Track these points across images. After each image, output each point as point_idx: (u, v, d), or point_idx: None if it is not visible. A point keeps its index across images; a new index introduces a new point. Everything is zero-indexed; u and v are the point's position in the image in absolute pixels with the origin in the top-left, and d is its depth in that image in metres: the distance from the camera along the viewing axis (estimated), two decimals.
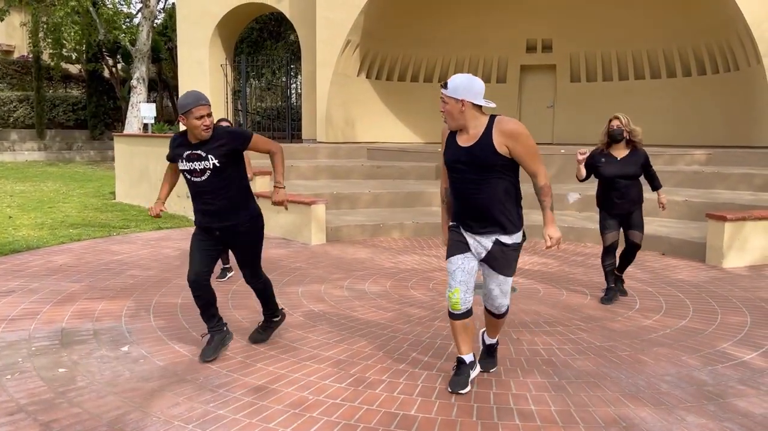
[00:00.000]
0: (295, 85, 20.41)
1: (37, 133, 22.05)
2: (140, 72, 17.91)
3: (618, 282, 5.51)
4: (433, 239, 8.06)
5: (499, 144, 3.13)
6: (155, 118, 13.03)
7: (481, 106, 3.20)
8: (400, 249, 7.42)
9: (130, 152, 11.32)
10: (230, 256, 6.11)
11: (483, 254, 3.32)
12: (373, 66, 14.74)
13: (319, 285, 5.72)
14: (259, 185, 8.39)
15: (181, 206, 9.62)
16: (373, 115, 14.95)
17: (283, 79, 19.57)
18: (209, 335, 3.96)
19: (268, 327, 4.22)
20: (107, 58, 22.98)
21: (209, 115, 3.63)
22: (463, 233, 3.35)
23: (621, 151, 5.19)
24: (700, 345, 4.21)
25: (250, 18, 17.30)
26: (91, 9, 17.87)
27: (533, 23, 14.85)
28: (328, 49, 13.43)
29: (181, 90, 16.18)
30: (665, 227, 7.86)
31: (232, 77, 16.60)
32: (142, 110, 12.63)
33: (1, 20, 19.18)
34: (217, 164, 3.67)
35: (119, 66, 23.83)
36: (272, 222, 8.24)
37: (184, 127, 3.72)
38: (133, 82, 17.96)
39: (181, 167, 3.76)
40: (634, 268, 6.47)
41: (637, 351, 4.10)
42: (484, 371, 3.71)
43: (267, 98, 22.37)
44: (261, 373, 3.66)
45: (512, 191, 3.26)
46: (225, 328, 4.01)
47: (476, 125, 3.20)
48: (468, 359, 3.48)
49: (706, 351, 4.10)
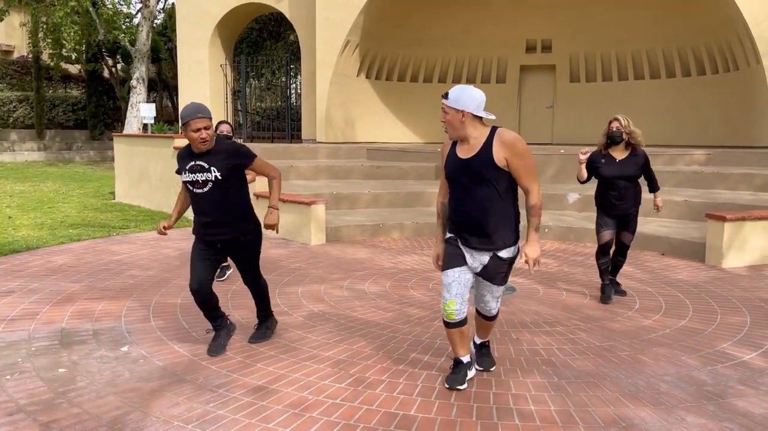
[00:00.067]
0: (294, 85, 20.41)
1: (37, 133, 22.05)
2: (140, 72, 17.91)
3: (614, 285, 5.52)
4: (433, 240, 8.06)
5: (499, 157, 3.14)
6: (155, 118, 13.03)
7: (482, 118, 3.21)
8: (400, 249, 7.42)
9: (129, 152, 11.32)
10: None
11: (479, 268, 3.34)
12: (373, 66, 14.74)
13: (318, 285, 5.73)
14: (260, 186, 8.38)
15: None
16: (373, 115, 14.95)
17: (283, 79, 19.58)
18: (214, 331, 4.06)
19: (266, 327, 4.28)
20: (107, 58, 22.98)
21: (206, 128, 3.63)
22: (461, 246, 3.36)
23: (620, 152, 5.20)
24: (699, 345, 4.22)
25: (250, 18, 17.30)
26: (91, 9, 17.87)
27: (533, 23, 14.85)
28: (327, 50, 13.43)
29: (181, 90, 16.19)
30: (665, 227, 7.87)
31: (232, 77, 16.60)
32: (141, 110, 12.63)
33: (1, 20, 19.18)
34: (220, 176, 3.71)
35: (119, 66, 23.84)
36: None
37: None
38: (133, 82, 17.97)
39: (184, 179, 3.78)
40: (633, 268, 6.48)
41: (636, 351, 4.11)
42: (484, 370, 3.72)
43: (267, 98, 22.37)
44: (261, 373, 3.66)
45: (510, 205, 3.26)
46: (228, 321, 4.13)
47: (477, 136, 3.20)
48: (465, 359, 3.52)
49: (706, 351, 4.10)
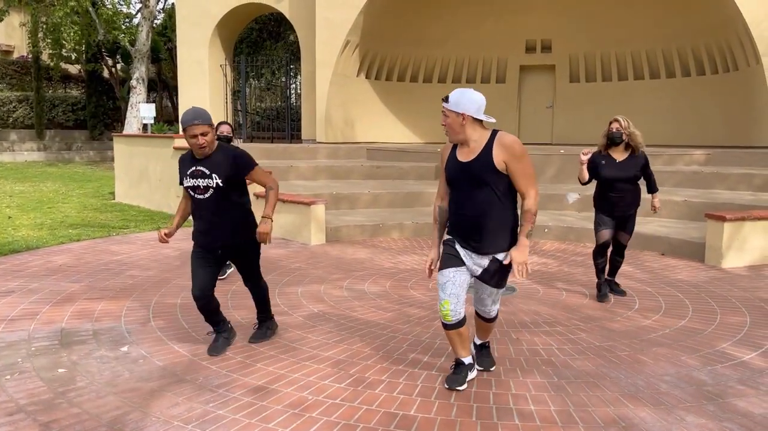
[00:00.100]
0: (294, 85, 20.40)
1: (37, 133, 22.05)
2: (140, 72, 17.91)
3: (613, 286, 5.53)
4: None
5: (498, 160, 3.14)
6: (155, 118, 13.02)
7: (482, 121, 3.21)
8: (400, 249, 7.42)
9: (129, 152, 11.32)
10: None
11: (479, 271, 3.33)
12: (373, 66, 14.74)
13: (318, 285, 5.73)
14: (259, 186, 8.38)
15: None
16: (373, 115, 14.95)
17: (283, 79, 19.58)
18: (215, 334, 4.07)
19: (266, 328, 4.29)
20: (107, 58, 22.98)
21: (204, 134, 3.61)
22: (459, 249, 3.35)
23: (620, 153, 5.20)
24: (699, 345, 4.22)
25: (250, 18, 17.30)
26: (91, 9, 17.87)
27: (532, 23, 14.85)
28: (327, 50, 13.43)
29: (181, 90, 16.18)
30: (665, 227, 7.87)
31: (232, 77, 16.59)
32: (141, 111, 12.62)
33: (1, 20, 19.18)
34: (221, 183, 3.71)
35: (119, 66, 23.83)
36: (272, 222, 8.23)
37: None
38: (133, 82, 17.96)
39: (185, 184, 3.78)
40: (633, 268, 6.48)
41: (636, 351, 4.11)
42: (485, 370, 3.72)
43: (266, 98, 22.35)
44: (260, 373, 3.66)
45: (510, 208, 3.26)
46: (229, 326, 4.14)
47: (477, 140, 3.20)
48: (466, 360, 3.53)
49: (706, 351, 4.10)
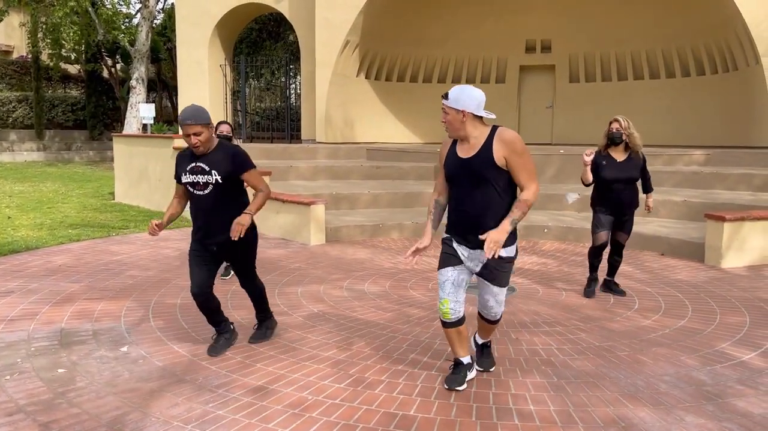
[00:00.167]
0: (294, 85, 20.39)
1: (36, 133, 22.04)
2: (139, 72, 17.90)
3: (613, 286, 5.53)
4: (433, 240, 8.05)
5: (499, 156, 3.13)
6: (154, 118, 13.02)
7: (482, 117, 3.21)
8: (400, 250, 7.42)
9: (129, 152, 11.32)
10: None
11: (478, 267, 3.33)
12: (372, 66, 14.74)
13: (318, 286, 5.73)
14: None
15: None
16: (373, 115, 14.95)
17: (283, 79, 19.55)
18: (216, 335, 4.08)
19: (266, 327, 4.29)
20: (106, 58, 22.96)
21: (197, 134, 3.61)
22: (457, 247, 3.35)
23: (620, 154, 5.21)
24: (699, 345, 4.22)
25: (250, 18, 17.29)
26: (90, 9, 17.86)
27: (532, 23, 14.85)
28: (327, 50, 13.43)
29: (181, 90, 16.18)
30: (664, 227, 7.87)
31: (232, 77, 16.59)
32: (141, 111, 12.62)
33: (0, 20, 19.17)
34: (220, 180, 3.71)
35: (118, 66, 23.82)
36: (271, 222, 8.25)
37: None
38: (132, 82, 17.95)
39: (184, 180, 3.78)
40: (633, 268, 6.48)
41: (636, 351, 4.11)
42: (484, 370, 3.72)
43: (266, 99, 22.33)
44: (260, 373, 3.66)
45: (510, 204, 3.25)
46: (232, 327, 4.15)
47: (477, 136, 3.20)
48: (465, 360, 3.52)
49: (705, 351, 4.10)
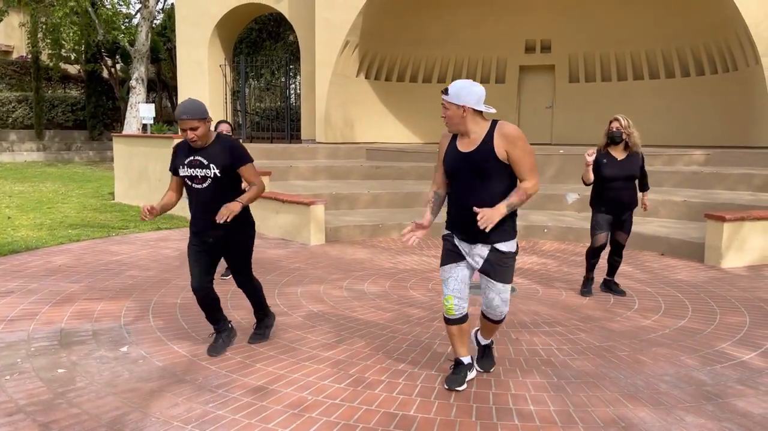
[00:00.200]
0: (294, 85, 20.39)
1: (36, 133, 22.03)
2: (139, 72, 17.89)
3: (612, 286, 5.53)
4: (433, 240, 8.06)
5: (499, 149, 3.13)
6: (154, 118, 13.01)
7: (482, 112, 3.20)
8: (399, 250, 7.42)
9: (129, 152, 11.31)
10: None
11: (480, 263, 3.31)
12: (372, 66, 14.74)
13: (318, 286, 5.72)
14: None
15: (181, 206, 9.62)
16: (372, 115, 14.95)
17: (282, 79, 19.56)
18: (215, 334, 4.06)
19: (265, 326, 4.27)
20: (106, 58, 22.95)
21: (193, 129, 3.59)
22: (458, 243, 3.35)
23: (620, 152, 5.22)
24: (698, 345, 4.22)
25: (249, 18, 17.29)
26: (90, 9, 17.84)
27: (532, 24, 14.85)
28: (327, 50, 13.43)
29: (180, 91, 16.17)
30: (664, 227, 7.87)
31: (231, 78, 16.59)
32: (141, 111, 12.61)
33: (0, 21, 19.16)
34: (218, 173, 3.71)
35: (118, 66, 23.81)
36: (271, 222, 8.24)
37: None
38: (132, 82, 17.94)
39: (182, 173, 3.77)
40: (633, 268, 6.48)
41: (635, 351, 4.11)
42: (485, 371, 3.72)
43: (266, 99, 22.34)
44: (260, 373, 3.66)
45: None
46: (230, 326, 4.13)
47: (477, 131, 3.20)
48: (466, 360, 3.52)
49: (705, 351, 4.10)
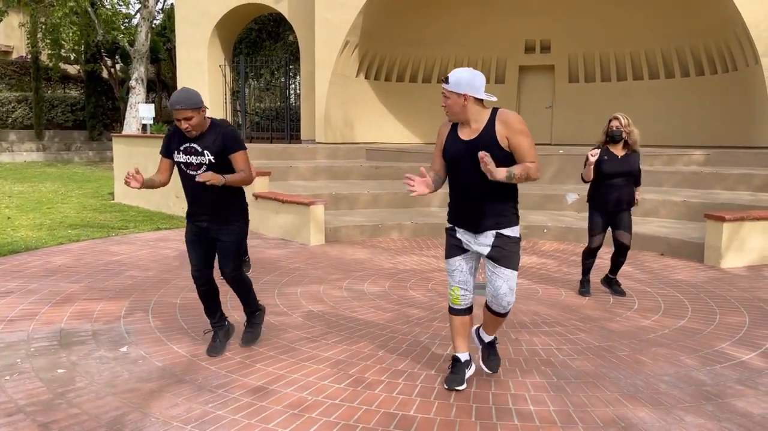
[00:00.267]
0: (293, 85, 20.39)
1: (36, 133, 22.03)
2: (139, 73, 17.89)
3: (613, 285, 5.53)
4: (432, 240, 8.06)
5: (501, 137, 3.12)
6: (154, 118, 13.00)
7: (482, 100, 3.20)
8: (399, 250, 7.42)
9: (128, 152, 11.31)
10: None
11: (486, 250, 3.28)
12: (372, 66, 14.74)
13: (318, 286, 5.72)
14: (259, 186, 8.39)
15: (180, 206, 9.62)
16: (372, 115, 14.95)
17: (282, 79, 19.55)
18: (213, 331, 4.05)
19: (255, 324, 4.19)
20: (106, 58, 22.95)
21: (187, 119, 3.55)
22: (461, 235, 3.35)
23: (620, 150, 5.24)
24: (698, 345, 4.22)
25: (249, 18, 17.29)
26: (90, 9, 17.84)
27: (532, 24, 14.85)
28: (326, 50, 13.43)
29: None
30: (664, 227, 7.87)
31: (231, 78, 16.59)
32: (140, 111, 12.61)
33: (0, 21, 19.16)
34: (213, 160, 3.69)
35: (118, 67, 23.80)
36: (271, 223, 8.24)
37: None
38: (132, 82, 17.94)
39: (177, 159, 3.74)
40: (632, 268, 6.48)
41: (635, 351, 4.11)
42: (493, 372, 3.65)
43: (266, 99, 22.34)
44: (260, 374, 3.66)
45: (511, 186, 3.25)
46: (226, 322, 4.10)
47: (478, 119, 3.19)
48: (464, 357, 3.51)
49: (705, 351, 4.10)
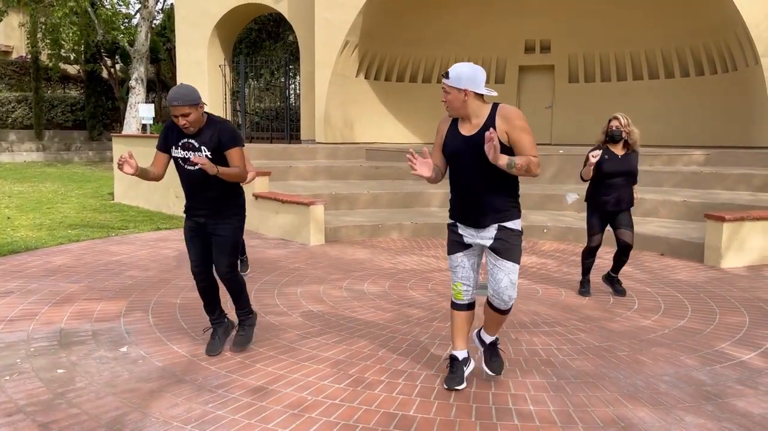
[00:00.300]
0: (293, 85, 20.38)
1: (36, 133, 22.03)
2: (139, 73, 17.89)
3: (615, 283, 5.53)
4: (432, 240, 8.06)
5: (501, 132, 3.11)
6: (154, 118, 13.01)
7: (483, 95, 3.18)
8: (399, 250, 7.42)
9: None
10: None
11: (488, 243, 3.27)
12: (372, 66, 14.74)
13: (317, 286, 5.72)
14: (259, 186, 8.40)
15: (180, 207, 9.62)
16: (372, 115, 14.95)
17: (282, 79, 19.55)
18: (212, 328, 4.03)
19: (247, 326, 4.08)
20: (105, 58, 22.95)
21: (184, 115, 3.53)
22: (463, 231, 3.34)
23: (620, 149, 5.24)
24: (698, 345, 4.22)
25: (249, 18, 17.29)
26: (90, 9, 17.84)
27: (531, 24, 14.86)
28: (326, 50, 13.43)
29: None
30: (664, 227, 7.87)
31: (231, 78, 16.59)
32: (140, 111, 12.61)
33: (0, 21, 19.16)
34: (210, 156, 3.67)
35: (118, 67, 23.80)
36: (271, 223, 8.24)
37: None
38: (132, 82, 17.94)
39: (175, 155, 3.74)
40: (632, 268, 6.48)
41: (635, 351, 4.11)
42: (497, 374, 3.59)
43: (266, 99, 22.34)
44: (260, 374, 3.66)
45: (512, 180, 3.24)
46: (226, 320, 4.09)
47: (479, 114, 3.18)
48: (461, 355, 3.50)
49: (705, 351, 4.10)
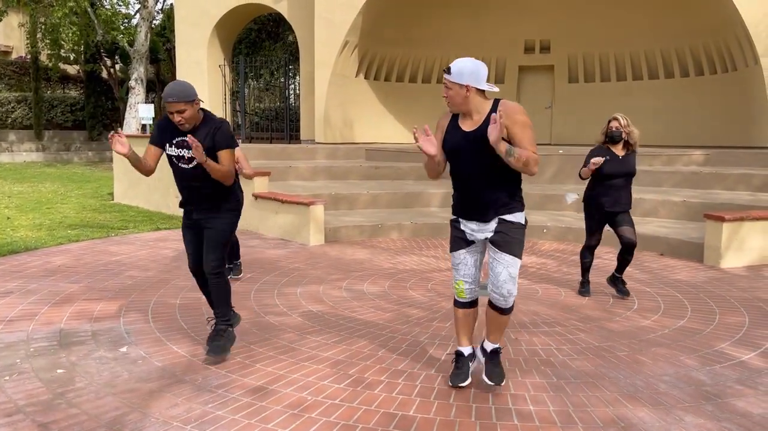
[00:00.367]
0: (293, 85, 20.38)
1: (35, 134, 22.03)
2: (138, 73, 17.89)
3: (618, 284, 5.51)
4: (432, 240, 8.06)
5: (502, 125, 3.11)
6: (153, 118, 13.00)
7: (484, 91, 3.17)
8: (399, 250, 7.42)
9: None
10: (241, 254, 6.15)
11: (491, 235, 3.26)
12: (372, 67, 14.75)
13: (317, 286, 5.72)
14: (258, 186, 8.40)
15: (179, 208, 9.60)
16: (372, 115, 14.95)
17: (282, 79, 19.56)
18: (215, 320, 3.92)
19: (221, 333, 3.80)
20: (105, 59, 22.95)
21: (180, 112, 3.49)
22: (465, 227, 3.33)
23: (620, 150, 5.24)
24: (698, 345, 4.22)
25: (249, 19, 17.29)
26: (89, 10, 17.85)
27: (531, 24, 14.86)
28: (326, 50, 13.43)
29: None
30: (663, 227, 7.88)
31: (231, 78, 16.59)
32: (140, 111, 12.61)
33: (0, 21, 19.16)
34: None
35: (117, 67, 23.81)
36: (270, 223, 8.24)
37: None
38: (132, 83, 17.95)
39: (169, 152, 3.71)
40: (632, 268, 6.48)
41: (635, 351, 4.11)
42: (496, 384, 3.43)
43: (265, 99, 22.36)
44: (260, 374, 3.66)
45: (514, 175, 3.23)
46: (231, 312, 4.01)
47: (480, 110, 3.17)
48: (467, 351, 3.51)
49: (705, 351, 4.10)
